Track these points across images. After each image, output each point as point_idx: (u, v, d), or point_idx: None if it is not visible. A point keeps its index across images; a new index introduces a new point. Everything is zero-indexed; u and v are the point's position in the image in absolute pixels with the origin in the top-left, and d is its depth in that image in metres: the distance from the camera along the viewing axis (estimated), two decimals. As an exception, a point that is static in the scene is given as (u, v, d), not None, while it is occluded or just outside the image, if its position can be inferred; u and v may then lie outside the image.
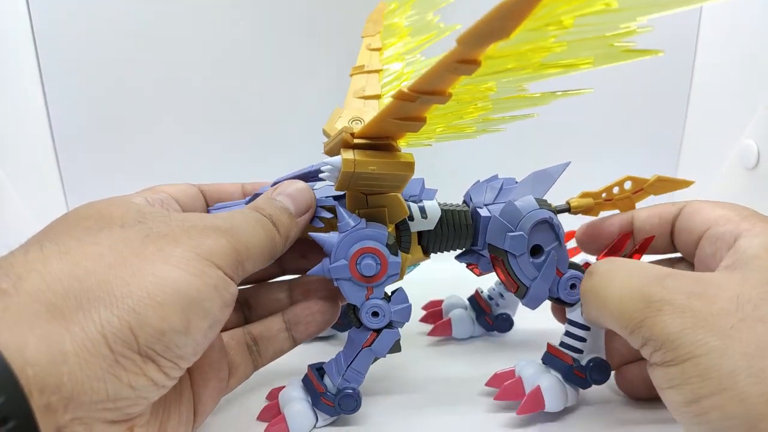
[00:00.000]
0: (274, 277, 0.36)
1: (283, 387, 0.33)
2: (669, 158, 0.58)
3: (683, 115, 0.57)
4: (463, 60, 0.21)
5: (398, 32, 0.39)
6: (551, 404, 0.31)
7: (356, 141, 0.28)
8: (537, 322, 0.40)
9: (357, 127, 0.33)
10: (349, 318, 0.31)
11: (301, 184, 0.30)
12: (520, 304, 0.38)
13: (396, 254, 0.30)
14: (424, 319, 0.44)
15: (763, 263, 0.23)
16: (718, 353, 0.20)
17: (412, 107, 0.24)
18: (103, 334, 0.20)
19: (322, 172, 0.29)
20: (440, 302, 0.44)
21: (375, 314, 0.30)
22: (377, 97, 0.35)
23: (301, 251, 0.34)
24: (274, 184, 0.31)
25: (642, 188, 0.35)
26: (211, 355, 0.28)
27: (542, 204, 0.32)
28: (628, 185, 0.35)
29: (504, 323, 0.42)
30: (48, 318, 0.20)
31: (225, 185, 0.35)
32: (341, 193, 0.31)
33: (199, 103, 0.55)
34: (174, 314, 0.22)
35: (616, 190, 0.35)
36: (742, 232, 0.26)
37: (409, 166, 0.28)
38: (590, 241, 0.36)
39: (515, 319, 0.42)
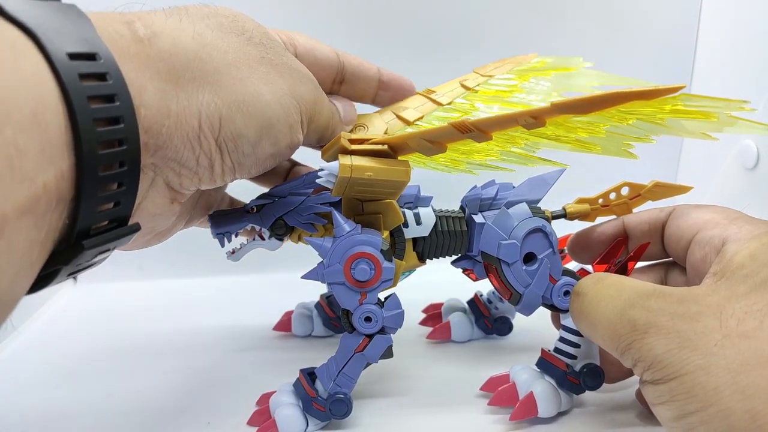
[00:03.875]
0: None
1: (274, 392, 0.33)
2: (669, 158, 0.58)
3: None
4: (538, 117, 0.26)
5: (508, 87, 0.37)
6: (544, 410, 0.31)
7: (353, 147, 0.28)
8: (536, 326, 0.40)
9: (360, 133, 0.33)
10: (342, 323, 0.31)
11: (351, 103, 0.34)
12: None
13: (390, 260, 0.30)
14: (423, 322, 0.44)
15: (748, 272, 0.23)
16: (702, 371, 0.21)
17: (453, 136, 0.28)
18: (200, 110, 0.24)
19: (319, 177, 0.29)
20: (440, 305, 0.44)
21: (368, 319, 0.30)
22: (407, 121, 0.34)
23: None
24: (272, 192, 0.34)
25: (639, 194, 0.35)
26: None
27: (535, 212, 0.32)
28: (625, 191, 0.35)
29: (503, 326, 0.42)
30: (167, 78, 0.23)
31: (359, 60, 0.35)
32: (337, 199, 0.31)
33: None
34: (253, 127, 0.26)
35: (612, 195, 0.35)
36: (729, 236, 0.26)
37: (406, 173, 0.29)
38: (581, 251, 0.36)
39: (514, 322, 0.42)
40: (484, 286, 0.41)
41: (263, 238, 0.34)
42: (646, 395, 0.23)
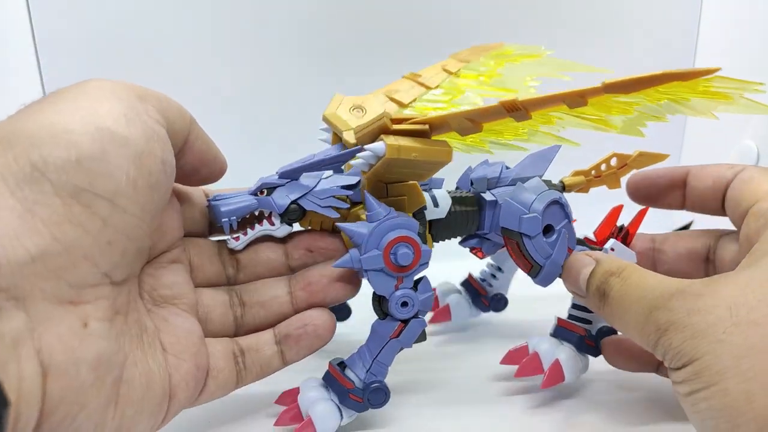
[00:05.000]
0: (280, 275, 0.32)
1: (295, 389, 0.31)
2: (670, 158, 0.57)
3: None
4: (585, 96, 0.26)
5: (486, 72, 0.38)
6: (570, 375, 0.32)
7: (395, 127, 0.28)
8: (524, 300, 0.42)
9: (358, 116, 0.33)
10: (374, 309, 0.31)
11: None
12: (511, 282, 0.42)
13: (425, 243, 0.30)
14: None
15: None
16: (710, 356, 0.23)
17: (498, 115, 0.27)
18: (4, 178, 0.19)
19: (355, 158, 0.29)
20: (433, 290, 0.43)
21: (404, 304, 0.29)
22: (402, 104, 0.34)
23: (307, 245, 0.32)
24: (281, 173, 0.31)
25: (626, 163, 0.36)
26: (182, 326, 0.28)
27: (549, 185, 0.33)
28: (614, 162, 0.37)
29: (499, 303, 0.43)
30: None
31: None
32: (352, 181, 0.30)
33: (200, 102, 0.55)
34: (85, 140, 0.20)
35: (603, 167, 0.37)
36: None
37: (448, 153, 0.29)
38: (645, 191, 0.36)
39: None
40: (472, 267, 0.43)
41: (272, 224, 0.31)
42: (671, 378, 0.25)
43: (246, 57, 0.54)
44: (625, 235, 0.34)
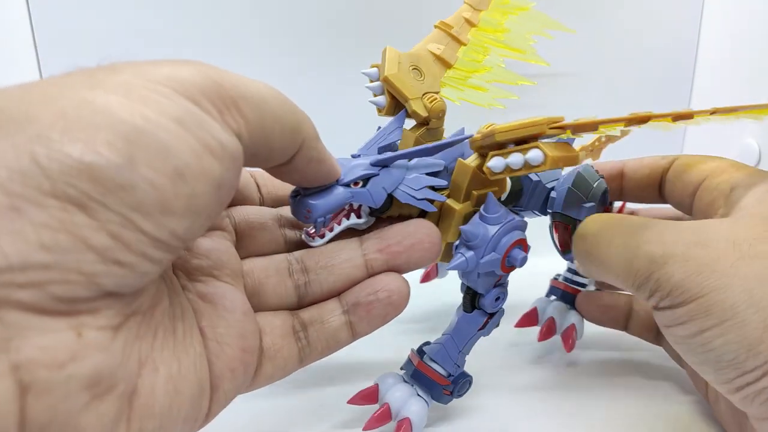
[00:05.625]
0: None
1: (374, 387, 0.30)
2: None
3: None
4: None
5: (498, 27, 0.37)
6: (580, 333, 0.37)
7: (549, 131, 0.25)
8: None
9: (418, 79, 0.31)
10: (463, 304, 0.30)
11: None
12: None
13: None
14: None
15: (755, 212, 0.25)
16: (719, 291, 0.22)
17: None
18: None
19: (491, 157, 0.26)
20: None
21: (497, 299, 0.29)
22: (448, 64, 0.33)
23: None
24: (375, 161, 0.27)
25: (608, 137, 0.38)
26: (224, 302, 0.23)
27: (597, 173, 0.34)
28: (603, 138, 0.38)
29: None
30: None
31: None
32: (438, 168, 0.28)
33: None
34: (104, 142, 0.16)
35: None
36: (737, 181, 0.28)
37: (576, 158, 0.26)
38: None
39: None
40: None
41: (359, 216, 0.28)
42: (661, 320, 0.25)
43: (247, 56, 0.54)
44: None
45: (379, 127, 0.30)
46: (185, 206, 0.18)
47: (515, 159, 0.25)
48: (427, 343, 0.31)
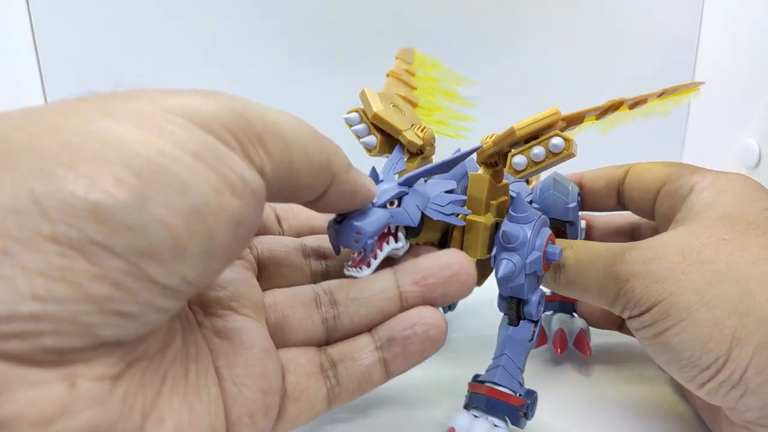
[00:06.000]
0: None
1: (450, 430, 0.28)
2: (671, 157, 0.57)
3: (685, 114, 0.57)
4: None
5: (430, 76, 0.39)
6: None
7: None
8: None
9: (399, 114, 0.31)
10: (509, 317, 0.29)
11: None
12: None
13: None
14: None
15: (705, 215, 0.28)
16: (674, 295, 0.25)
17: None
18: None
19: (513, 155, 0.26)
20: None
21: (539, 303, 0.29)
22: (414, 104, 0.34)
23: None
24: (405, 179, 0.26)
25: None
26: (242, 338, 0.21)
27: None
28: None
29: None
30: None
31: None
32: (452, 186, 0.28)
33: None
34: (113, 178, 0.14)
35: None
36: (694, 184, 0.30)
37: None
38: None
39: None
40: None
41: (397, 240, 0.26)
42: (632, 327, 0.27)
43: (249, 59, 0.54)
44: None
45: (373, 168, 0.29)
46: (201, 248, 0.16)
47: (538, 151, 0.26)
48: (477, 376, 0.30)
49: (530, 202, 0.34)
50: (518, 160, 0.26)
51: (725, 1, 0.53)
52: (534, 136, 0.26)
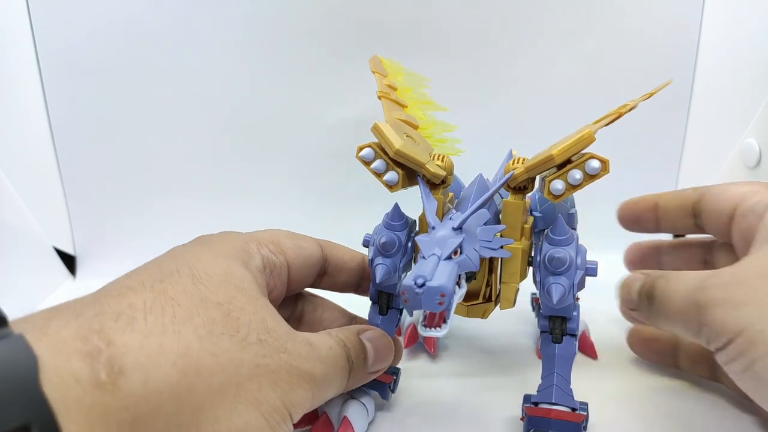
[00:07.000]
0: None
1: None
2: (671, 157, 0.58)
3: (685, 114, 0.57)
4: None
5: (408, 87, 0.39)
6: None
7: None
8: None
9: (414, 144, 0.31)
10: (553, 335, 0.30)
11: (385, 338, 0.30)
12: None
13: None
14: None
15: None
16: (758, 321, 0.23)
17: None
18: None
19: (552, 178, 0.27)
20: None
21: (578, 317, 0.30)
22: (415, 126, 0.34)
23: None
24: (459, 225, 0.26)
25: None
26: None
27: None
28: None
29: None
30: None
31: (343, 251, 0.34)
32: (488, 217, 0.28)
33: (202, 105, 0.55)
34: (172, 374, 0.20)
35: None
36: None
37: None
38: (632, 223, 0.38)
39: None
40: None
41: (460, 287, 0.26)
42: (720, 361, 0.26)
43: (250, 63, 0.54)
44: None
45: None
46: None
47: (577, 175, 0.26)
48: (529, 396, 0.30)
49: (530, 211, 0.34)
50: (558, 185, 0.27)
51: (725, 1, 0.53)
52: (568, 160, 0.27)
